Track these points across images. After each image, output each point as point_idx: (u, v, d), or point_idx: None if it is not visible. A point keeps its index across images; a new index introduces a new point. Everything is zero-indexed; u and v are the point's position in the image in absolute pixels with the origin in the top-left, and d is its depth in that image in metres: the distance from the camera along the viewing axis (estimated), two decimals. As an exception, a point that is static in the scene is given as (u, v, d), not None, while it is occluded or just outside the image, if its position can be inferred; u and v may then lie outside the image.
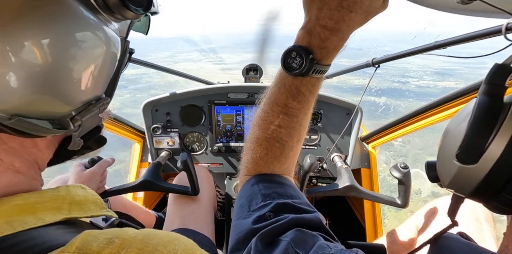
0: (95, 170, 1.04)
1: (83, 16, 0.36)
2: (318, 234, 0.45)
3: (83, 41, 0.35)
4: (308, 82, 0.50)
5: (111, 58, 0.42)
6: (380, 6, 0.45)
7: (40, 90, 0.33)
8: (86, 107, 0.41)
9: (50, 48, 0.32)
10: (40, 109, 0.35)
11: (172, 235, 0.37)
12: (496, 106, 0.38)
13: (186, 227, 1.06)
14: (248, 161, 0.60)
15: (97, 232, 0.33)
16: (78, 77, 0.37)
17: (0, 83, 0.30)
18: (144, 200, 1.64)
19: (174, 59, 18.17)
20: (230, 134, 1.53)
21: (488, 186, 0.39)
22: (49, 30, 0.31)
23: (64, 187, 0.42)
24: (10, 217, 0.33)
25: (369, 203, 1.54)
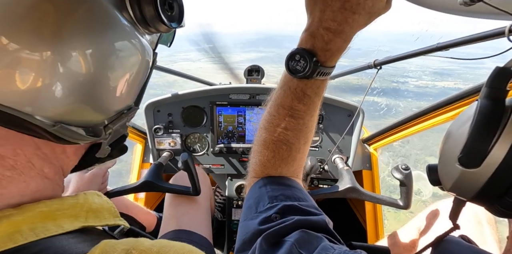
0: (96, 172, 1.04)
1: (123, 26, 0.38)
2: (323, 235, 0.45)
3: (121, 50, 0.37)
4: (313, 85, 0.51)
5: (145, 67, 0.44)
6: (383, 7, 0.45)
7: (82, 99, 0.35)
8: (119, 116, 0.43)
9: (93, 58, 0.33)
10: (80, 117, 0.37)
11: (186, 247, 0.37)
12: (498, 110, 0.38)
13: (181, 228, 1.06)
14: (255, 163, 0.61)
15: (114, 243, 0.34)
16: (115, 86, 0.39)
17: (47, 92, 0.31)
18: (146, 200, 1.64)
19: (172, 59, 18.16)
20: (232, 135, 1.53)
21: (490, 190, 0.39)
22: (93, 40, 0.33)
23: (83, 195, 0.43)
24: (33, 223, 0.34)
25: (370, 205, 1.53)
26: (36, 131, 0.33)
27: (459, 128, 0.43)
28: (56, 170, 0.41)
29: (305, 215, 0.48)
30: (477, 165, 0.39)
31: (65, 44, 0.31)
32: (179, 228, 1.06)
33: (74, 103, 0.35)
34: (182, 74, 1.83)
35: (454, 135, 0.44)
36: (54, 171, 0.40)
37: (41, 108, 0.32)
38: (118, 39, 0.36)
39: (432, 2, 0.70)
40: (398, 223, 4.77)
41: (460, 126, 0.43)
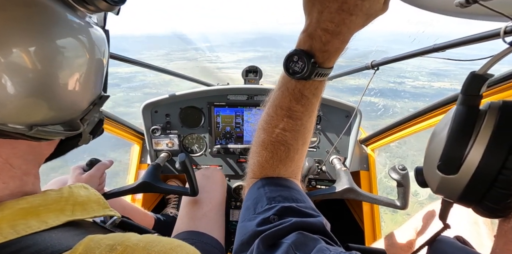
0: (93, 173, 1.03)
1: (69, 18, 0.36)
2: (320, 237, 0.45)
3: (72, 44, 0.36)
4: (311, 86, 0.51)
5: (103, 55, 0.43)
6: (380, 8, 0.46)
7: (48, 100, 0.35)
8: (93, 108, 0.43)
9: (47, 55, 0.33)
10: (53, 116, 0.37)
11: (174, 242, 0.37)
12: (472, 117, 0.39)
13: (197, 229, 1.06)
14: (254, 164, 0.61)
15: (99, 238, 0.33)
16: (82, 85, 0.38)
17: (10, 100, 0.31)
18: (143, 201, 1.63)
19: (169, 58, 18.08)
20: (230, 135, 1.53)
21: (470, 194, 0.40)
22: (40, 37, 0.32)
23: (67, 188, 0.43)
24: (14, 220, 0.33)
25: (367, 206, 1.54)
26: (14, 136, 0.33)
27: (439, 133, 0.44)
28: (33, 165, 0.40)
29: (303, 217, 0.48)
30: (455, 172, 0.39)
31: (11, 45, 0.30)
32: (194, 229, 1.06)
33: (43, 109, 0.35)
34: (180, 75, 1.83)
35: (435, 139, 0.45)
36: (32, 166, 0.40)
37: (9, 116, 0.32)
38: (64, 36, 0.35)
39: (428, 4, 0.70)
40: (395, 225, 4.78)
41: (441, 130, 0.44)
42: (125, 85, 12.11)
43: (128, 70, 13.53)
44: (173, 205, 1.75)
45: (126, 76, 13.21)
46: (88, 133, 0.46)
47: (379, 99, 7.46)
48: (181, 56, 18.59)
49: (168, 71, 1.72)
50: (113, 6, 0.41)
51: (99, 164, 1.07)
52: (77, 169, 1.05)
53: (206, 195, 1.24)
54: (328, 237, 0.46)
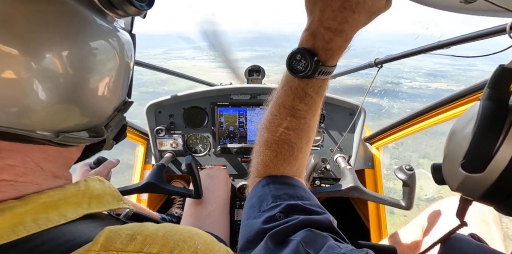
0: (100, 171, 1.05)
1: (98, 25, 0.37)
2: (329, 234, 0.45)
3: (101, 50, 0.37)
4: (314, 84, 0.51)
5: (129, 61, 0.44)
6: (383, 5, 0.45)
7: (76, 107, 0.36)
8: (117, 114, 0.44)
9: (77, 63, 0.33)
10: (79, 123, 0.38)
11: (192, 230, 0.38)
12: (501, 112, 0.37)
13: (201, 229, 1.06)
14: (258, 163, 0.61)
15: (118, 228, 0.34)
16: (106, 87, 0.39)
17: (47, 108, 0.32)
18: (148, 201, 1.64)
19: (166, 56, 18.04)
20: (233, 135, 1.53)
21: (495, 193, 0.38)
22: (70, 44, 0.33)
23: (83, 182, 0.43)
24: (36, 214, 0.34)
25: (373, 204, 1.53)
26: (41, 142, 0.35)
27: (462, 129, 0.42)
28: (63, 167, 0.42)
29: (309, 214, 0.48)
30: (481, 170, 0.38)
31: (43, 53, 0.30)
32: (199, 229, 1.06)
33: (71, 115, 0.36)
34: (183, 75, 1.83)
35: (457, 136, 0.43)
36: (61, 169, 0.41)
37: (39, 123, 0.33)
38: (95, 40, 0.35)
39: (433, 0, 0.69)
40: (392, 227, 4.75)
41: (463, 127, 0.42)
42: None
43: None
44: (178, 205, 1.75)
45: None
46: (112, 139, 0.47)
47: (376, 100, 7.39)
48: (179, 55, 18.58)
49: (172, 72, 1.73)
50: (141, 10, 0.42)
51: (106, 162, 1.08)
52: (84, 166, 1.07)
53: (211, 194, 1.24)
54: (336, 234, 0.46)
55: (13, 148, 0.34)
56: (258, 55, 16.92)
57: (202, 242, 0.36)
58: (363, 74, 1.22)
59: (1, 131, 0.30)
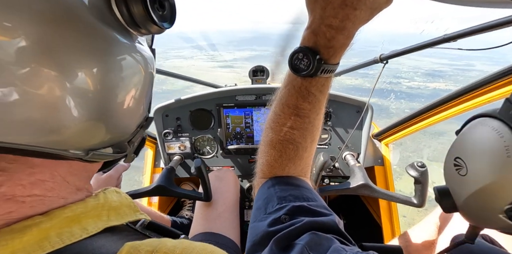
0: (112, 174, 1.07)
1: (121, 42, 0.37)
2: (334, 236, 0.44)
3: (127, 67, 0.38)
4: (318, 83, 0.50)
5: (151, 77, 0.45)
6: (384, 2, 0.44)
7: (107, 127, 0.38)
8: (139, 130, 0.46)
9: (104, 82, 0.34)
10: (106, 139, 0.40)
11: (208, 248, 0.38)
12: None
13: (212, 230, 1.07)
14: (263, 163, 0.60)
15: (138, 244, 0.35)
16: (131, 104, 0.41)
17: (78, 125, 0.33)
18: (159, 205, 1.66)
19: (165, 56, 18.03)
20: (240, 136, 1.53)
21: None
22: (97, 64, 0.34)
23: (102, 194, 0.44)
24: (61, 229, 0.35)
25: (384, 202, 1.51)
26: (71, 159, 0.36)
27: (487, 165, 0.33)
28: (85, 180, 0.43)
29: (314, 216, 0.48)
30: None
31: (74, 76, 0.31)
32: (209, 230, 1.07)
33: (101, 132, 0.37)
34: (189, 79, 1.84)
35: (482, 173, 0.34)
36: (84, 182, 0.42)
37: (71, 141, 0.34)
38: (121, 58, 0.37)
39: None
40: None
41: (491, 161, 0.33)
42: None
43: None
44: (188, 207, 1.77)
45: None
46: (132, 152, 0.48)
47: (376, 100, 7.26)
48: (177, 55, 18.59)
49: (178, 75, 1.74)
50: (163, 29, 0.43)
51: (118, 165, 1.10)
52: None
53: (220, 196, 1.24)
54: (341, 236, 0.46)
55: (44, 163, 0.35)
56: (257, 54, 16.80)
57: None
58: (362, 74, 1.20)
59: (36, 150, 0.31)
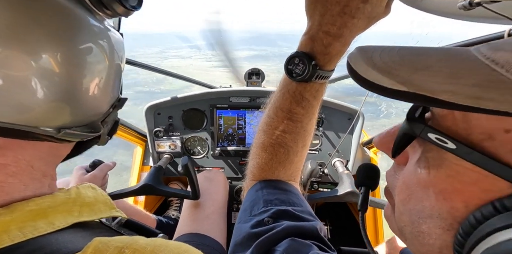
0: (96, 174, 1.04)
1: (94, 25, 0.38)
2: (313, 243, 0.45)
3: (96, 49, 0.38)
4: (312, 88, 0.51)
5: (122, 59, 0.45)
6: (382, 11, 0.46)
7: (76, 103, 0.37)
8: (112, 110, 0.46)
9: (73, 60, 0.34)
10: (79, 118, 0.39)
11: (182, 247, 0.36)
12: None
13: (199, 232, 1.05)
14: (253, 166, 0.61)
15: (108, 240, 0.33)
16: (104, 87, 0.40)
17: (44, 105, 0.33)
18: (145, 203, 1.64)
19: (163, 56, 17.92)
20: (232, 137, 1.53)
21: None
22: (67, 43, 0.34)
23: (75, 189, 0.43)
24: (23, 222, 0.33)
25: (370, 209, 1.53)
26: (41, 138, 0.35)
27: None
28: (51, 166, 0.41)
29: (298, 221, 0.48)
30: None
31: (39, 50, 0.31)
32: (196, 231, 1.05)
33: (68, 109, 0.36)
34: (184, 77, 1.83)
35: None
36: (50, 167, 0.41)
37: (40, 119, 0.34)
38: (88, 39, 0.37)
39: (432, 6, 0.70)
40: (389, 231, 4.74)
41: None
42: None
43: None
44: (175, 207, 1.75)
45: None
46: (106, 134, 0.48)
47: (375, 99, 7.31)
48: (175, 54, 18.47)
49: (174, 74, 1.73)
50: (130, 10, 0.43)
51: (103, 165, 1.08)
52: (80, 169, 1.06)
53: (209, 197, 1.23)
54: (321, 242, 0.46)
55: (7, 145, 0.33)
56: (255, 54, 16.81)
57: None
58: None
59: (4, 127, 0.31)
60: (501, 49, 0.23)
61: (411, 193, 0.29)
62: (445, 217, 0.26)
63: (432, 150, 0.28)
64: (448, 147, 0.25)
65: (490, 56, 0.23)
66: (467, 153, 0.24)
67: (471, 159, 0.24)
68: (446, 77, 0.22)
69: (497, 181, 0.23)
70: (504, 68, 0.21)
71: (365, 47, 0.28)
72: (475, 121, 0.24)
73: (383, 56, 0.26)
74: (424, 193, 0.28)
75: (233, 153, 1.52)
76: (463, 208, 0.25)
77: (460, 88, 0.21)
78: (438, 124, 0.27)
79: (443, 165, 0.26)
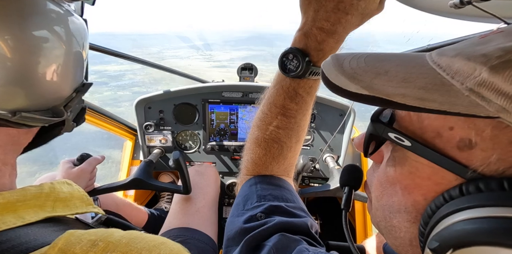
0: (84, 168, 1.01)
1: (51, 8, 0.36)
2: (302, 238, 0.45)
3: (53, 31, 0.37)
4: (306, 84, 0.51)
5: (84, 42, 0.44)
6: (375, 8, 0.46)
7: (30, 87, 0.35)
8: (75, 95, 0.43)
9: (26, 43, 0.33)
10: (35, 102, 0.37)
11: (159, 239, 0.36)
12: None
13: (189, 226, 1.05)
14: (247, 161, 0.61)
15: (81, 233, 0.32)
16: (64, 71, 0.39)
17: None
18: (135, 196, 1.62)
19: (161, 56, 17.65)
20: (224, 132, 1.52)
21: None
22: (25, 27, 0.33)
23: (49, 184, 0.41)
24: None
25: (359, 204, 1.55)
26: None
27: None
28: (11, 155, 0.40)
29: (290, 217, 0.49)
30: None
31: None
32: (186, 226, 1.05)
33: (21, 93, 0.35)
34: (174, 71, 1.81)
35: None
36: (10, 156, 0.39)
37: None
38: (47, 23, 0.36)
39: (423, 4, 0.71)
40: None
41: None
42: (113, 83, 11.65)
43: (117, 68, 13.01)
44: (166, 199, 1.74)
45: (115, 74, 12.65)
46: (72, 121, 0.46)
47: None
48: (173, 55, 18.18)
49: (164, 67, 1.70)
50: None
51: (91, 158, 1.05)
52: (67, 163, 1.03)
53: (199, 191, 1.23)
54: (311, 238, 0.47)
55: None
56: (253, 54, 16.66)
57: (168, 252, 0.35)
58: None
59: None
60: (445, 54, 0.26)
61: (383, 189, 0.32)
62: (410, 211, 0.29)
63: (398, 149, 0.30)
64: (405, 144, 0.28)
65: (437, 61, 0.26)
66: (421, 150, 0.27)
67: (425, 155, 0.26)
68: (400, 81, 0.25)
69: (446, 174, 0.25)
70: (445, 71, 0.24)
71: (339, 55, 0.31)
72: (427, 121, 0.27)
73: (352, 62, 0.29)
74: (393, 189, 0.30)
75: (225, 148, 1.52)
76: (423, 201, 0.27)
77: (409, 91, 0.24)
78: (398, 125, 0.30)
79: (406, 163, 0.29)
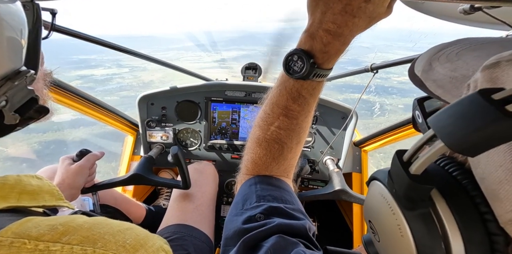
0: (83, 164, 1.00)
1: None
2: (300, 241, 0.45)
3: None
4: (309, 86, 0.51)
5: (21, 30, 0.41)
6: (383, 12, 0.45)
7: None
8: (5, 83, 0.39)
9: None
10: None
11: (124, 225, 0.35)
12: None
13: (187, 223, 1.05)
14: (248, 160, 0.61)
15: (40, 219, 0.31)
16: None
17: None
18: (134, 192, 1.63)
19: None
20: (225, 131, 1.52)
21: None
22: None
23: (15, 176, 0.41)
24: None
25: (358, 207, 1.55)
26: None
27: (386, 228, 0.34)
28: None
29: (289, 218, 0.49)
30: None
31: None
32: (184, 223, 1.05)
33: None
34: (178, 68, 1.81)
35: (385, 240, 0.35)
36: None
37: None
38: None
39: (432, 9, 0.70)
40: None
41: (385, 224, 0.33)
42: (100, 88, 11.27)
43: (104, 72, 12.71)
44: (165, 197, 1.74)
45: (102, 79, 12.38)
46: (13, 112, 0.42)
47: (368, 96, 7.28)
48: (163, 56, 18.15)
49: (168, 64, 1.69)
50: None
51: (90, 154, 1.04)
52: (67, 159, 1.02)
53: (198, 189, 1.23)
54: (309, 241, 0.47)
55: None
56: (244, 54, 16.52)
57: (134, 237, 0.34)
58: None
59: None
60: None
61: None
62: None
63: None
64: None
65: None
66: None
67: None
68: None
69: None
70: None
71: (444, 44, 0.38)
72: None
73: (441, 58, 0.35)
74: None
75: (225, 146, 1.51)
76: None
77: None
78: None
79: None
